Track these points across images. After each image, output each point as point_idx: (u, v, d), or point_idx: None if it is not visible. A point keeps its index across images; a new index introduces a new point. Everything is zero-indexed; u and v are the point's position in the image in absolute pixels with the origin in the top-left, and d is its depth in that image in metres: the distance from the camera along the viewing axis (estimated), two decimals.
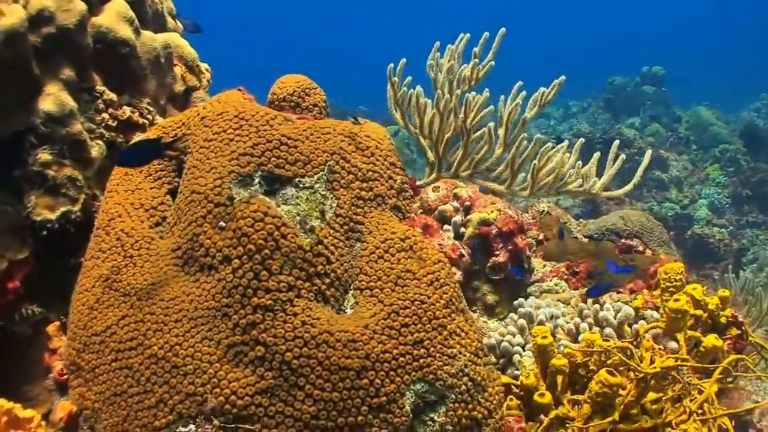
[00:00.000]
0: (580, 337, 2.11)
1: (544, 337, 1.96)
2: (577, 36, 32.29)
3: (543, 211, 3.11)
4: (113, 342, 1.62)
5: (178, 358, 1.56)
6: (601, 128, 9.33)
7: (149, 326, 1.60)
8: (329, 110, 2.02)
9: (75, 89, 1.81)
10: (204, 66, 2.25)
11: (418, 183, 1.88)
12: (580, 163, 1.86)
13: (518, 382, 1.96)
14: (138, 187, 1.76)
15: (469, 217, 2.63)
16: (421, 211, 2.56)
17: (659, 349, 1.98)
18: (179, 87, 2.11)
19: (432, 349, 1.64)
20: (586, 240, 3.04)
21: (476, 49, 1.94)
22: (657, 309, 2.25)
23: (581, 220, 3.16)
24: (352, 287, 1.68)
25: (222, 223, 1.59)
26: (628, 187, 1.92)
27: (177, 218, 1.69)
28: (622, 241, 2.93)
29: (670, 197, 7.81)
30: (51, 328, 1.78)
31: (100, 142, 1.86)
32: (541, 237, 2.98)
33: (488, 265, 2.61)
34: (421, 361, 1.62)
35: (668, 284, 2.12)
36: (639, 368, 1.77)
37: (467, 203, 2.66)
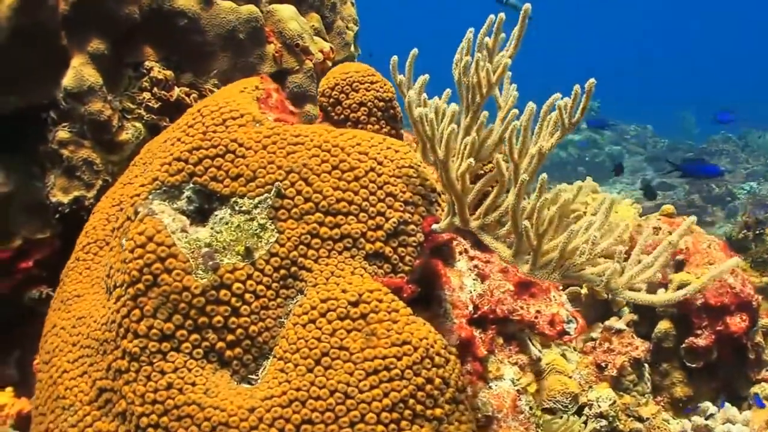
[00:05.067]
0: None
1: None
2: None
3: None
4: (44, 351, 1.48)
5: (62, 387, 1.37)
6: None
7: (58, 343, 1.43)
8: (394, 113, 1.58)
9: (107, 63, 1.68)
10: (319, 46, 1.94)
11: (434, 227, 1.37)
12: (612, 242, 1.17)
13: None
14: (130, 180, 1.57)
15: (671, 277, 1.94)
16: None
17: None
18: (267, 68, 1.86)
19: None
20: None
21: (490, 40, 1.31)
22: None
23: None
24: (273, 353, 1.28)
25: (123, 241, 1.33)
26: (669, 295, 1.16)
27: None
28: None
29: None
30: None
31: (137, 124, 1.72)
32: None
33: (683, 346, 1.91)
34: None
35: None
36: None
37: (680, 256, 1.97)
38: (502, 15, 1.35)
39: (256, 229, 1.32)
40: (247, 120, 1.40)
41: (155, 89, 1.73)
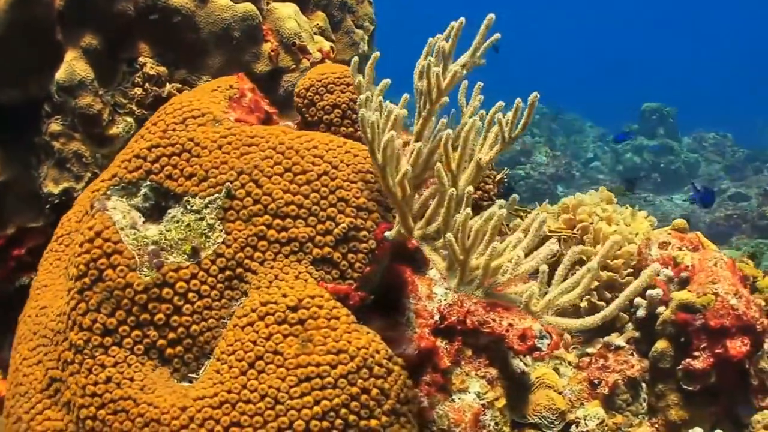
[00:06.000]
0: None
1: None
2: None
3: None
4: (16, 337, 1.53)
5: (20, 374, 1.42)
6: None
7: (24, 331, 1.47)
8: None
9: (100, 58, 1.72)
10: (318, 46, 1.93)
11: (386, 234, 1.34)
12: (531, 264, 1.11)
13: None
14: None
15: (672, 295, 1.87)
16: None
17: None
18: (262, 67, 1.86)
19: None
20: None
21: (446, 45, 1.26)
22: None
23: None
24: (213, 353, 1.29)
25: (79, 235, 1.35)
26: (589, 320, 1.09)
27: None
28: None
29: None
30: None
31: (128, 118, 1.75)
32: None
33: (679, 368, 1.83)
34: None
35: None
36: None
37: (685, 273, 1.90)
38: (462, 20, 1.31)
39: (204, 229, 1.33)
40: (208, 119, 1.41)
41: (147, 85, 1.75)
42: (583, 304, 2.02)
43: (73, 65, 1.69)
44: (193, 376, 1.30)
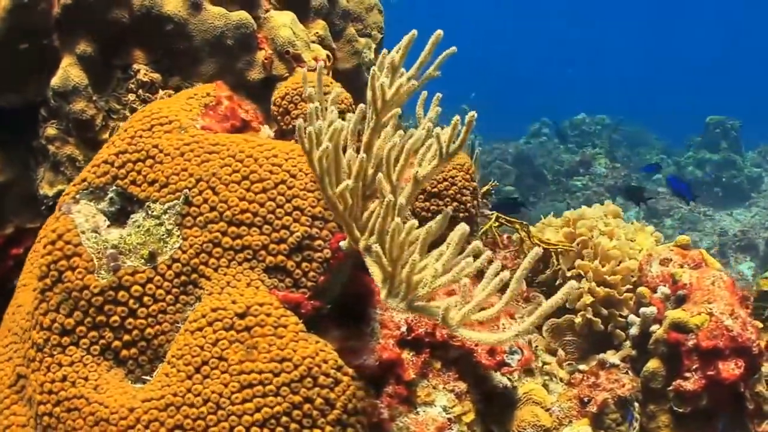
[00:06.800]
0: None
1: None
2: None
3: None
4: None
5: None
6: None
7: (1, 329, 1.52)
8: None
9: (94, 65, 1.78)
10: (314, 54, 1.95)
11: (341, 244, 1.35)
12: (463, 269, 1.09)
13: None
14: None
15: (666, 313, 1.84)
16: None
17: None
18: (255, 75, 1.88)
19: None
20: None
21: (396, 56, 1.26)
22: None
23: None
24: (166, 357, 1.32)
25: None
26: (505, 335, 1.06)
27: None
28: None
29: None
30: None
31: (121, 124, 1.80)
32: None
33: (669, 389, 1.80)
34: None
35: None
36: None
37: (682, 291, 1.86)
38: (414, 32, 1.31)
39: (162, 235, 1.36)
40: (174, 126, 1.45)
41: (140, 91, 1.80)
42: (578, 319, 1.99)
43: (67, 71, 1.75)
44: (147, 378, 1.33)
